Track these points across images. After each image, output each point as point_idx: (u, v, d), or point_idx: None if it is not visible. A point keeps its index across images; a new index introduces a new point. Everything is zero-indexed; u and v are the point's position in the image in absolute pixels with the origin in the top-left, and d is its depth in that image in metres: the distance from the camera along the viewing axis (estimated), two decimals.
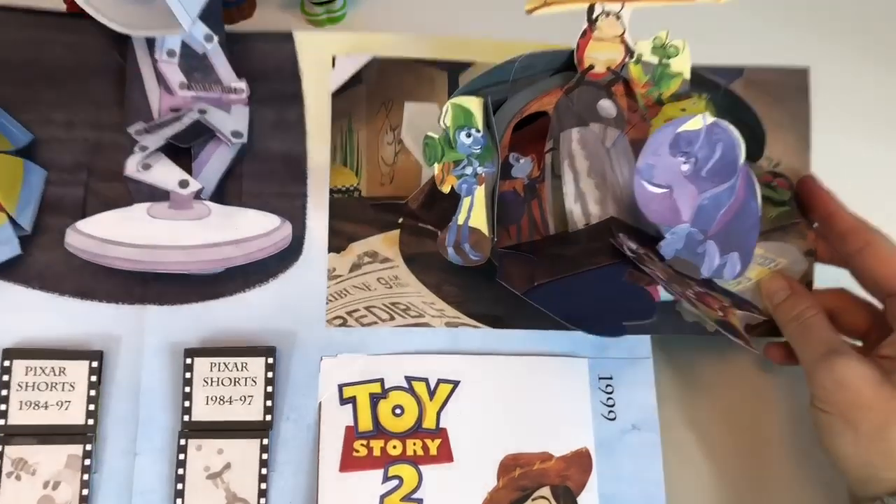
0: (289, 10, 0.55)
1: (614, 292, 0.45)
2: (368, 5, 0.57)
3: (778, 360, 0.49)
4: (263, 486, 0.44)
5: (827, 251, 0.49)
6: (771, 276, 0.48)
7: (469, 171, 0.44)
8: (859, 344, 0.48)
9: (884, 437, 0.41)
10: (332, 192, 0.49)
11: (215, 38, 0.49)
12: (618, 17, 0.46)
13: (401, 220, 0.48)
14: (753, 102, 0.51)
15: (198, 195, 0.46)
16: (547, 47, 0.47)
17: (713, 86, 0.49)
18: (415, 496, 0.45)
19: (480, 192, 0.45)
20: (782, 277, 0.48)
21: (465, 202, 0.45)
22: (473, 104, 0.45)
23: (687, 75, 0.48)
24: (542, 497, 0.45)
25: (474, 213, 0.45)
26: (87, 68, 0.49)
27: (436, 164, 0.44)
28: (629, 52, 0.47)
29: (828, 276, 0.49)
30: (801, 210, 0.49)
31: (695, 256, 0.45)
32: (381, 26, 0.55)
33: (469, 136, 0.44)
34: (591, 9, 0.45)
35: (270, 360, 0.45)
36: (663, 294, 0.46)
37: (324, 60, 0.51)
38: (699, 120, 0.44)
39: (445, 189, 0.44)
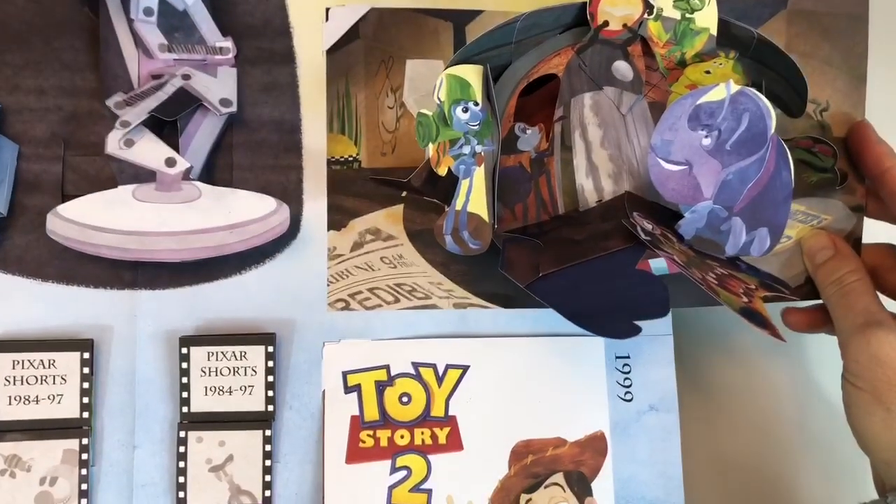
0: None
1: (626, 284, 0.42)
2: None
3: (798, 328, 0.46)
4: (268, 478, 0.43)
5: (878, 208, 0.45)
6: (813, 233, 0.45)
7: (467, 150, 0.41)
8: None
9: None
10: (329, 163, 0.45)
11: None
12: None
13: (404, 195, 0.45)
14: (799, 37, 0.45)
15: (186, 175, 0.42)
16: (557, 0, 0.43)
17: (744, 39, 0.45)
18: (423, 487, 0.44)
19: (480, 174, 0.41)
20: (826, 235, 0.44)
21: (464, 185, 0.41)
22: (471, 74, 0.41)
23: (713, 31, 0.44)
24: (556, 484, 0.45)
25: (473, 196, 0.41)
26: (55, 26, 0.45)
27: (430, 145, 0.41)
28: (648, 5, 0.42)
29: (877, 232, 0.46)
30: (850, 162, 0.45)
31: (718, 235, 0.42)
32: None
33: (466, 110, 0.40)
34: None
35: (270, 349, 0.43)
36: None
37: (316, 13, 0.46)
38: (722, 90, 0.40)
39: (442, 171, 0.41)
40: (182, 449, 0.43)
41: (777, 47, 0.43)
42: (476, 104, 0.40)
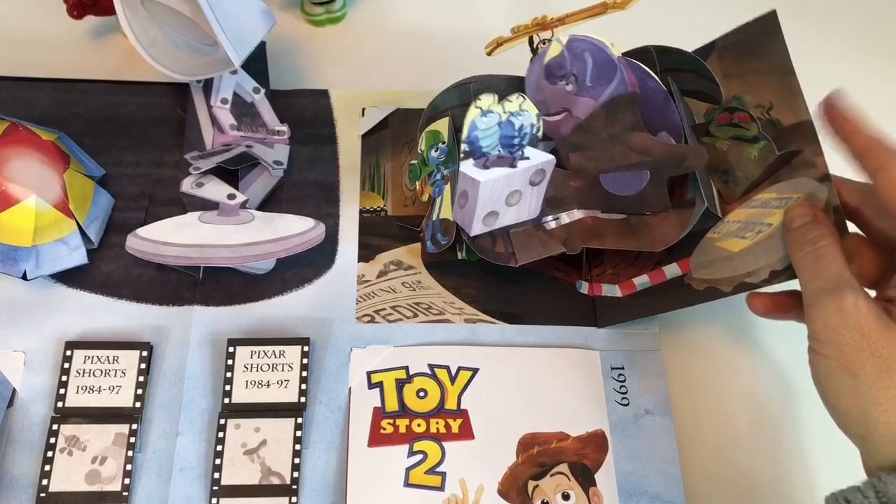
0: (289, 10, 0.64)
1: None
2: (368, 6, 0.65)
3: (761, 312, 0.47)
4: (297, 461, 0.47)
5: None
6: (795, 203, 0.45)
7: (439, 176, 0.51)
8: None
9: (884, 384, 0.38)
10: (361, 212, 0.55)
11: (262, 91, 0.57)
12: (550, 41, 0.51)
13: (421, 234, 0.54)
14: (732, 65, 0.50)
15: (244, 205, 0.52)
16: None
17: (650, 59, 0.51)
18: (438, 469, 0.47)
19: (447, 190, 0.51)
20: (808, 206, 0.44)
21: (437, 201, 0.51)
22: (441, 125, 0.52)
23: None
24: (561, 473, 0.47)
25: (444, 206, 0.51)
26: (153, 119, 0.58)
27: (416, 182, 0.52)
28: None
29: None
30: (828, 133, 0.45)
31: None
32: (379, 27, 0.64)
33: (437, 150, 0.51)
34: (530, 40, 0.52)
35: (306, 349, 0.49)
36: (670, 271, 0.50)
37: (355, 111, 0.59)
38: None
39: (425, 199, 0.52)
40: (221, 434, 0.47)
41: (673, 48, 0.50)
42: (444, 143, 0.51)
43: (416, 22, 0.65)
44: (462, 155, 0.46)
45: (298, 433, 0.47)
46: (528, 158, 0.47)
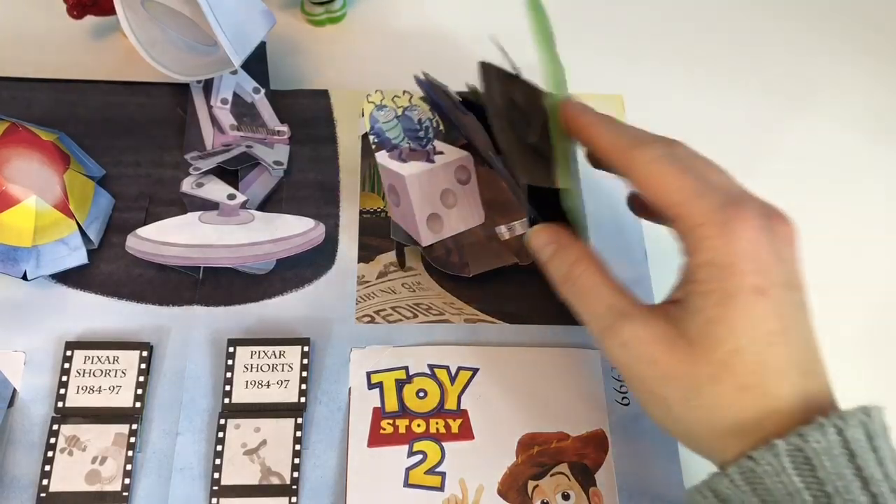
0: (289, 10, 0.64)
1: None
2: (368, 6, 0.65)
3: (640, 214, 0.46)
4: (297, 461, 0.47)
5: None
6: (534, 231, 0.43)
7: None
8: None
9: (696, 404, 0.36)
10: (361, 212, 0.55)
11: (262, 91, 0.57)
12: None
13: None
14: None
15: (244, 205, 0.52)
16: None
17: None
18: (438, 469, 0.47)
19: None
20: (547, 230, 0.42)
21: None
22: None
23: None
24: (561, 473, 0.47)
25: None
26: (153, 120, 0.58)
27: None
28: None
29: None
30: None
31: None
32: (380, 27, 0.64)
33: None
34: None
35: (306, 349, 0.49)
36: None
37: (355, 111, 0.59)
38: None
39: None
40: (220, 434, 0.47)
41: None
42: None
43: (416, 22, 0.65)
44: (374, 146, 0.48)
45: (298, 433, 0.47)
46: (442, 153, 0.50)
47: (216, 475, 0.46)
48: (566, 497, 0.47)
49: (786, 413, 0.35)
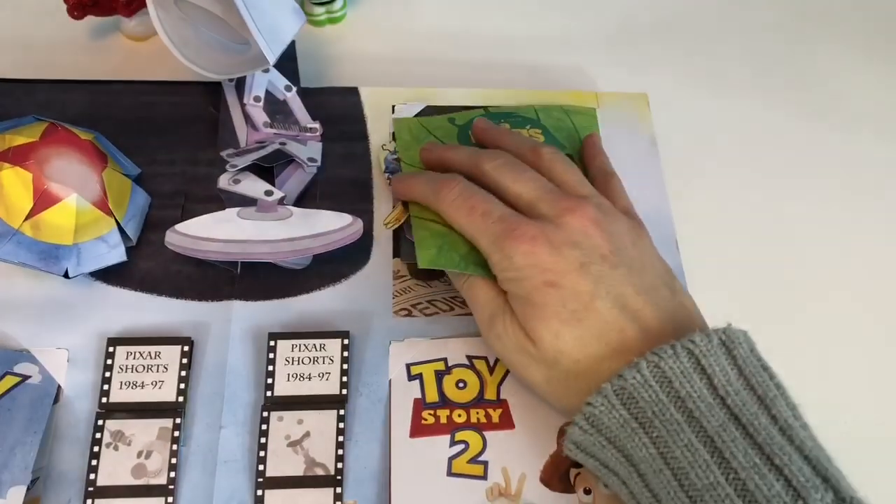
0: None
1: None
2: (368, 6, 0.66)
3: None
4: (340, 452, 0.47)
5: None
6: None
7: None
8: None
9: (553, 386, 0.45)
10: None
11: (294, 89, 0.58)
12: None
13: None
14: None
15: (281, 201, 0.52)
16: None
17: None
18: (480, 459, 0.47)
19: None
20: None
21: None
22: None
23: None
24: None
25: None
26: (187, 118, 0.58)
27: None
28: None
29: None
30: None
31: None
32: (380, 28, 0.65)
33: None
34: None
35: (346, 341, 0.50)
36: None
37: (385, 108, 0.60)
38: None
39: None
40: (264, 427, 0.48)
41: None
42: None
43: (416, 22, 0.66)
44: (388, 182, 0.57)
45: (341, 425, 0.48)
46: None
47: (261, 467, 0.47)
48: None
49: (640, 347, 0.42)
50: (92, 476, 0.46)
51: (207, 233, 0.51)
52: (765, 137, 0.62)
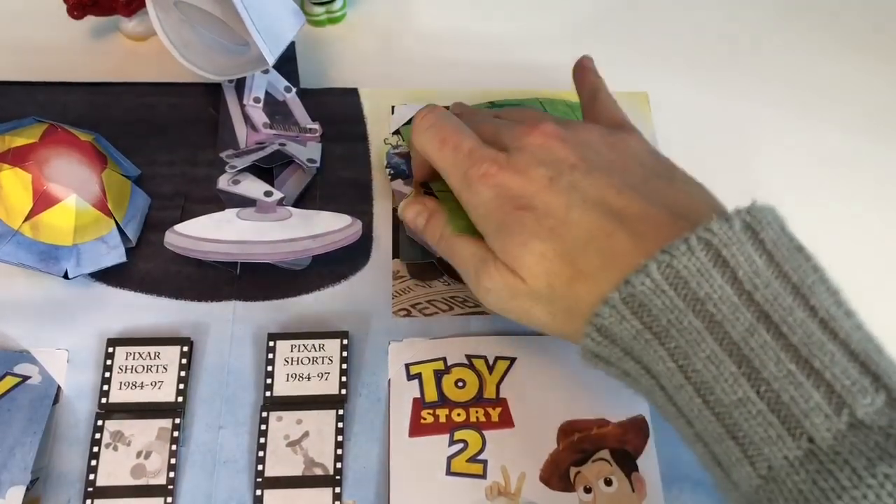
0: None
1: None
2: (368, 6, 0.66)
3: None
4: (339, 451, 0.47)
5: None
6: (405, 205, 0.48)
7: None
8: None
9: (557, 313, 0.40)
10: (394, 210, 0.56)
11: (293, 90, 0.58)
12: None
13: None
14: None
15: (280, 202, 0.52)
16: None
17: None
18: (480, 457, 0.47)
19: None
20: (415, 202, 0.48)
21: None
22: None
23: None
24: (602, 459, 0.48)
25: None
26: (186, 119, 0.58)
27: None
28: None
29: None
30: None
31: None
32: (380, 27, 0.65)
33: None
34: None
35: (345, 342, 0.50)
36: None
37: (384, 109, 0.60)
38: None
39: None
40: (263, 427, 0.48)
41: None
42: None
43: (416, 22, 0.66)
44: (389, 177, 0.56)
45: (340, 424, 0.48)
46: None
47: (260, 467, 0.47)
48: (608, 483, 0.47)
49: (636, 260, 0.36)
50: (91, 476, 0.46)
51: (207, 233, 0.51)
52: (765, 137, 0.62)
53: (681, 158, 0.57)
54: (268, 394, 0.48)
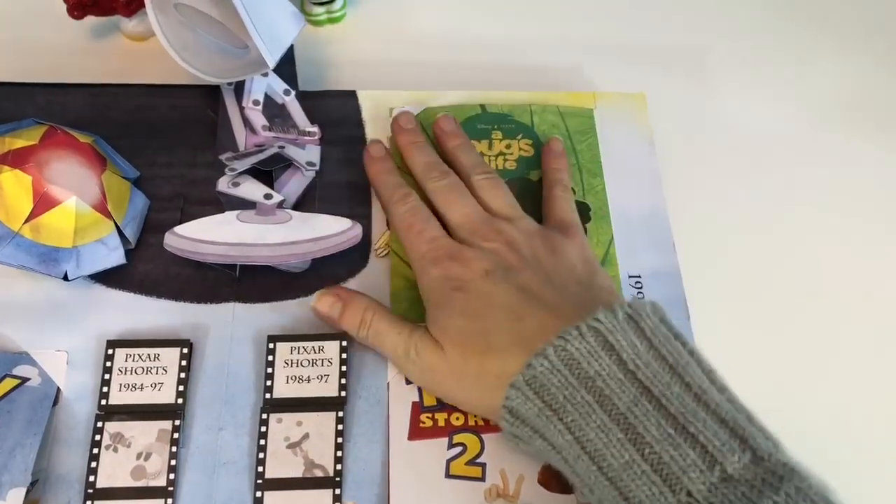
0: None
1: None
2: (368, 6, 0.67)
3: None
4: (339, 453, 0.47)
5: None
6: (318, 297, 0.51)
7: None
8: None
9: (466, 389, 0.46)
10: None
11: (293, 93, 0.58)
12: None
13: None
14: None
15: (280, 205, 0.53)
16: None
17: None
18: (478, 460, 0.48)
19: None
20: (328, 293, 0.51)
21: None
22: None
23: None
24: None
25: None
26: (185, 121, 0.59)
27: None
28: None
29: None
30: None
31: None
32: (380, 27, 0.65)
33: None
34: None
35: (344, 344, 0.50)
36: None
37: (383, 111, 0.60)
38: None
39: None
40: (263, 429, 0.48)
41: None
42: None
43: (416, 23, 0.66)
44: None
45: (340, 426, 0.48)
46: None
47: (260, 469, 0.47)
48: None
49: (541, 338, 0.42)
50: (91, 478, 0.46)
51: (207, 235, 0.51)
52: (763, 137, 0.63)
53: (678, 159, 0.58)
54: (267, 396, 0.49)
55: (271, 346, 0.50)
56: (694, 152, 0.61)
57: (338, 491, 0.46)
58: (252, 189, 0.53)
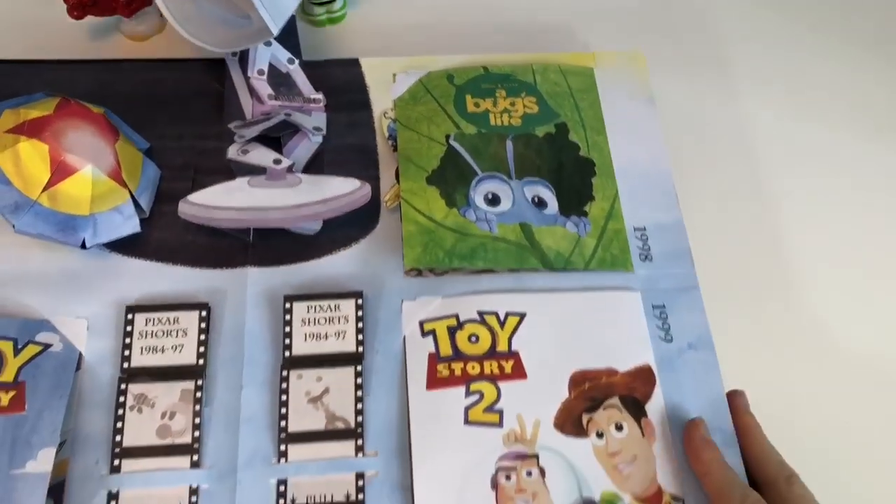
0: None
1: None
2: (368, 6, 0.67)
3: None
4: (359, 406, 0.49)
5: None
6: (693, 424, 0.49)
7: None
8: None
9: None
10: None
11: (296, 61, 0.59)
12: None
13: None
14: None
15: (290, 169, 0.54)
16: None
17: None
18: (496, 407, 0.49)
19: None
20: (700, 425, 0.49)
21: None
22: None
23: None
24: (612, 406, 0.49)
25: None
26: (192, 93, 0.59)
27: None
28: None
29: None
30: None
31: None
32: (380, 27, 0.66)
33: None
34: None
35: (360, 301, 0.51)
36: None
37: (386, 77, 0.61)
38: None
39: None
40: (284, 385, 0.49)
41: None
42: None
43: (416, 23, 0.67)
44: (391, 146, 0.58)
45: (359, 380, 0.49)
46: None
47: (283, 423, 0.48)
48: (619, 428, 0.49)
49: None
50: (118, 437, 0.47)
51: (220, 202, 0.52)
52: (767, 137, 0.64)
53: (684, 159, 0.59)
54: (287, 354, 0.50)
55: (288, 305, 0.51)
56: (694, 111, 0.62)
57: (360, 442, 0.48)
58: (262, 155, 0.54)
